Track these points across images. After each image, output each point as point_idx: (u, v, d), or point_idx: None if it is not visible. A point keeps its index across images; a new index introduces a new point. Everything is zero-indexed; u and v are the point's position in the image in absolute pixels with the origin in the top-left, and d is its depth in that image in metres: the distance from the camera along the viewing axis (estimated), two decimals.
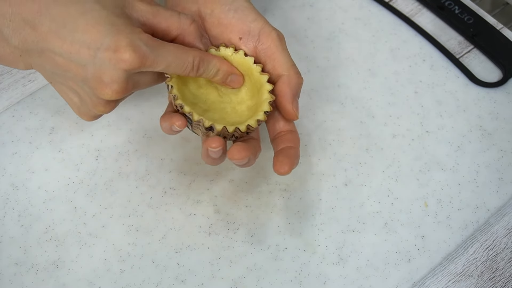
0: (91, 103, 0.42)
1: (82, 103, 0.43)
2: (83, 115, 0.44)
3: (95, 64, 0.39)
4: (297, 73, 0.45)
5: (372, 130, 0.54)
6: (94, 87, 0.40)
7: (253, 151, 0.43)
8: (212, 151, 0.42)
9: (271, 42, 0.45)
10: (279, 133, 0.45)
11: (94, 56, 0.39)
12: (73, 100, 0.43)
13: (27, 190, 0.50)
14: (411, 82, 0.57)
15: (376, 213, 0.50)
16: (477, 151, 0.53)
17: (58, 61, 0.40)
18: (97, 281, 0.46)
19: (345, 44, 0.59)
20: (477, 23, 0.60)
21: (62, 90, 0.43)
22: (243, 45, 0.45)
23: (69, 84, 0.42)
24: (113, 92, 0.40)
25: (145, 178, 0.51)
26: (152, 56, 0.39)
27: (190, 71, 0.42)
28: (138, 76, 0.41)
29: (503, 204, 0.51)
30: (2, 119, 0.54)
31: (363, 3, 0.61)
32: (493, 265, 0.48)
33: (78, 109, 0.44)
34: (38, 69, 0.43)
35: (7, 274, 0.47)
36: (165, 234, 0.49)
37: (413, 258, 0.48)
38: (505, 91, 0.56)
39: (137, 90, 0.43)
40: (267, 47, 0.45)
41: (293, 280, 0.47)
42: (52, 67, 0.41)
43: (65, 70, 0.41)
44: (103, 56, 0.38)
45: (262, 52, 0.45)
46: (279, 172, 0.42)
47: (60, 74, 0.41)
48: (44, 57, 0.41)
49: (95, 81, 0.39)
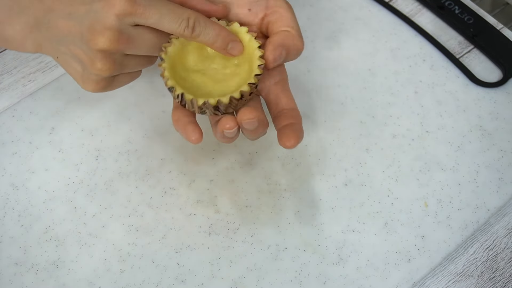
0: (89, 62, 0.42)
1: (84, 68, 0.43)
2: (87, 83, 0.44)
3: (89, 16, 0.40)
4: (299, 35, 0.44)
5: (372, 130, 0.54)
6: (88, 38, 0.40)
7: (261, 117, 0.42)
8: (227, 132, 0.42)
9: (279, 8, 0.44)
10: (280, 111, 0.44)
11: (89, 9, 0.40)
12: (77, 69, 0.44)
13: (27, 190, 0.50)
14: (411, 82, 0.57)
15: (376, 213, 0.50)
16: (477, 151, 0.53)
17: (60, 25, 0.42)
18: (97, 281, 0.46)
19: (345, 44, 0.59)
20: (477, 23, 0.60)
21: (66, 61, 0.44)
22: (253, 16, 0.45)
23: (71, 50, 0.42)
24: (106, 39, 0.40)
25: (145, 178, 0.51)
26: (144, 3, 0.40)
27: (185, 28, 0.41)
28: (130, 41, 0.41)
29: (503, 204, 0.51)
30: (2, 119, 0.54)
31: (363, 3, 0.61)
32: (493, 265, 0.48)
33: (81, 77, 0.44)
34: (45, 43, 0.44)
35: (7, 274, 0.47)
36: (165, 234, 0.49)
37: (413, 258, 0.48)
38: (505, 91, 0.56)
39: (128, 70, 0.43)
40: (275, 11, 0.44)
41: (293, 280, 0.47)
42: (56, 35, 0.42)
43: (66, 34, 0.42)
44: (96, 6, 0.40)
45: (270, 16, 0.45)
46: (286, 145, 0.42)
47: (63, 40, 0.42)
48: (50, 26, 0.42)
49: (89, 32, 0.40)
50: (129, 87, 0.55)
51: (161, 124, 0.53)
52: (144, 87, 0.55)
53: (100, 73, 0.42)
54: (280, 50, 0.43)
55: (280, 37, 0.44)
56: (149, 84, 0.55)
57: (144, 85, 0.55)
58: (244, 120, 0.41)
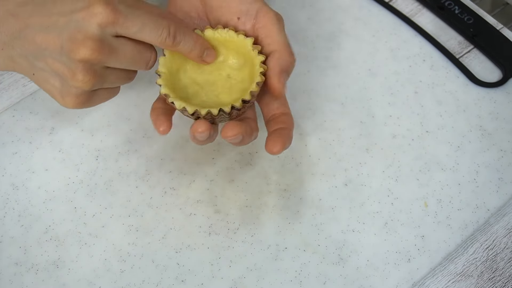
0: (69, 74, 0.41)
1: (63, 83, 0.42)
2: (66, 99, 0.43)
3: (69, 26, 0.40)
4: (289, 52, 0.45)
5: (372, 130, 0.54)
6: (69, 49, 0.40)
7: (246, 129, 0.43)
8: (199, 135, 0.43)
9: (267, 21, 0.45)
10: (273, 115, 0.45)
11: (69, 20, 0.40)
12: (55, 85, 0.43)
13: (27, 190, 0.50)
14: (411, 82, 0.57)
15: (376, 213, 0.50)
16: (477, 151, 0.53)
17: (37, 39, 0.41)
18: (97, 281, 0.46)
19: (345, 44, 0.59)
20: (477, 23, 0.60)
21: (43, 77, 0.43)
22: (241, 25, 0.45)
23: (49, 64, 0.42)
24: (88, 48, 0.40)
25: (145, 178, 0.51)
26: (125, 12, 0.40)
27: (166, 37, 0.42)
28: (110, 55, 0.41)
29: (503, 204, 0.51)
30: (2, 119, 0.54)
31: (363, 3, 0.61)
32: (493, 265, 0.48)
33: (60, 93, 0.43)
34: (19, 60, 0.43)
35: (7, 274, 0.47)
36: (165, 234, 0.49)
37: (413, 258, 0.48)
38: (505, 91, 0.56)
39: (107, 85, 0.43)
40: (263, 26, 0.45)
41: (293, 280, 0.47)
42: (32, 50, 0.41)
43: (44, 48, 0.41)
44: (77, 17, 0.39)
45: (259, 31, 0.45)
46: (271, 151, 0.43)
47: (41, 55, 0.41)
48: (26, 41, 0.41)
49: (69, 41, 0.40)
50: (129, 87, 0.55)
51: None
52: (144, 87, 0.55)
53: (81, 86, 0.42)
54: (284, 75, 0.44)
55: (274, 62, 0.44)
56: (149, 84, 0.55)
57: (144, 85, 0.55)
58: (228, 138, 0.42)
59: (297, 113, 0.52)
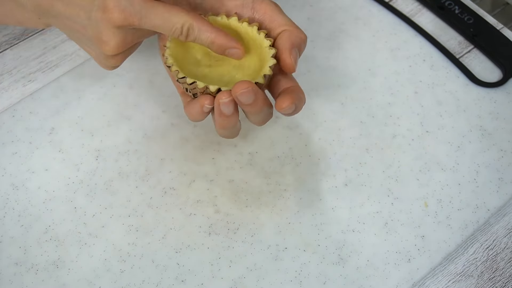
0: (102, 57, 0.44)
1: (97, 56, 0.45)
2: (103, 66, 0.46)
3: (91, 24, 0.41)
4: (299, 29, 0.44)
5: (372, 130, 0.54)
6: (97, 45, 0.42)
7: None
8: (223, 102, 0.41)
9: (266, 7, 0.45)
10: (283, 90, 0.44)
11: (89, 18, 0.41)
12: (92, 54, 0.45)
13: (27, 190, 0.50)
14: (411, 82, 0.57)
15: (376, 213, 0.50)
16: (477, 151, 0.53)
17: (67, 23, 0.43)
18: (97, 281, 0.46)
19: (345, 44, 0.59)
20: (477, 23, 0.60)
21: (81, 45, 0.46)
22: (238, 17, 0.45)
23: (83, 41, 0.45)
24: (112, 48, 0.42)
25: (145, 178, 0.51)
26: (138, 16, 0.41)
27: (179, 35, 0.42)
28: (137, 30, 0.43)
29: (503, 204, 0.51)
30: (2, 119, 0.54)
31: (363, 3, 0.61)
32: (493, 265, 0.48)
33: (97, 59, 0.45)
34: (57, 27, 0.46)
35: (7, 274, 0.47)
36: (165, 234, 0.49)
37: (413, 258, 0.48)
38: (505, 91, 0.56)
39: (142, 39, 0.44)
40: (263, 13, 0.45)
41: (293, 280, 0.47)
42: (65, 28, 0.44)
43: (74, 31, 0.44)
44: (95, 17, 0.41)
45: (261, 18, 0.45)
46: (280, 107, 0.42)
47: (73, 34, 0.44)
48: (57, 19, 0.44)
49: (96, 39, 0.42)
50: (129, 87, 0.55)
51: (161, 124, 0.53)
52: (144, 87, 0.55)
53: (116, 65, 0.45)
54: (296, 50, 0.43)
55: (285, 39, 0.43)
56: (149, 84, 0.55)
57: (144, 85, 0.55)
58: (238, 92, 0.40)
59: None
